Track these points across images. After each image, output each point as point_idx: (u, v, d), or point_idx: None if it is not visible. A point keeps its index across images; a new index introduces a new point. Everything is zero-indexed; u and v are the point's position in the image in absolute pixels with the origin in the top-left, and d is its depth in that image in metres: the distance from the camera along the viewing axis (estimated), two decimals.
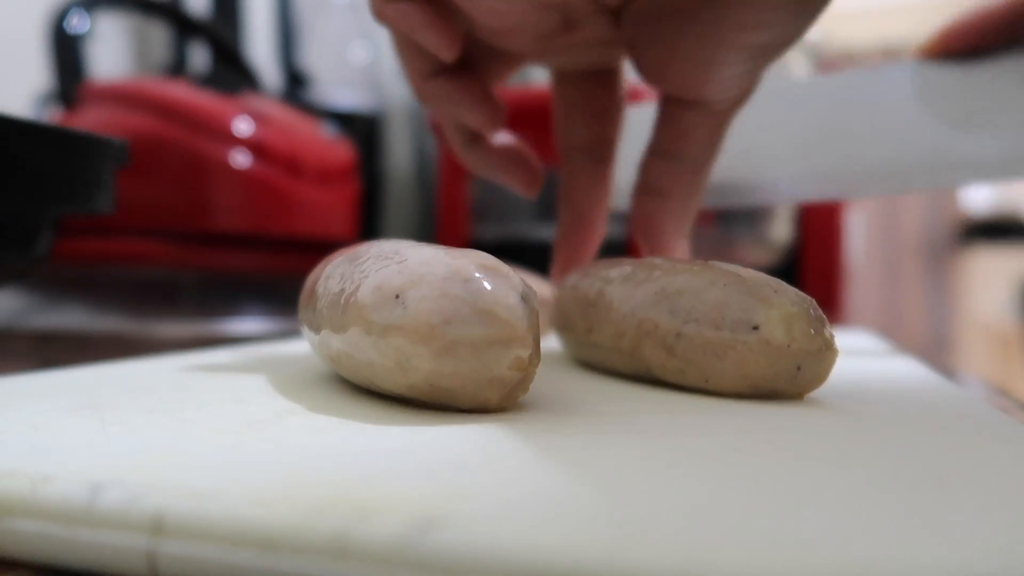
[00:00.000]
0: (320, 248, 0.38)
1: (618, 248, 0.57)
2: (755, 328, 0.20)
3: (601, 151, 0.30)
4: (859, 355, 0.34)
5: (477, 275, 0.17)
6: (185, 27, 0.61)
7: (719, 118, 0.27)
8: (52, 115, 0.57)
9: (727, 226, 0.67)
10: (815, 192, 0.39)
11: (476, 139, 0.30)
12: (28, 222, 0.30)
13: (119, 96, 0.53)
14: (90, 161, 0.31)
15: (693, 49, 0.24)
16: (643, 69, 0.27)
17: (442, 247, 0.19)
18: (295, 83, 0.81)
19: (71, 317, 0.51)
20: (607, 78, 0.30)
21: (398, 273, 0.18)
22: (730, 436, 0.16)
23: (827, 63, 0.79)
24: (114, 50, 0.82)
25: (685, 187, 0.28)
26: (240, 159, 0.53)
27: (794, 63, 0.77)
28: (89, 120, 0.53)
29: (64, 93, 0.54)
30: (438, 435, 0.16)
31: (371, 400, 0.20)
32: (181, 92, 0.54)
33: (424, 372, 0.17)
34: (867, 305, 2.61)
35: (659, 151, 0.28)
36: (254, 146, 0.53)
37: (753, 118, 0.39)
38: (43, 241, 0.31)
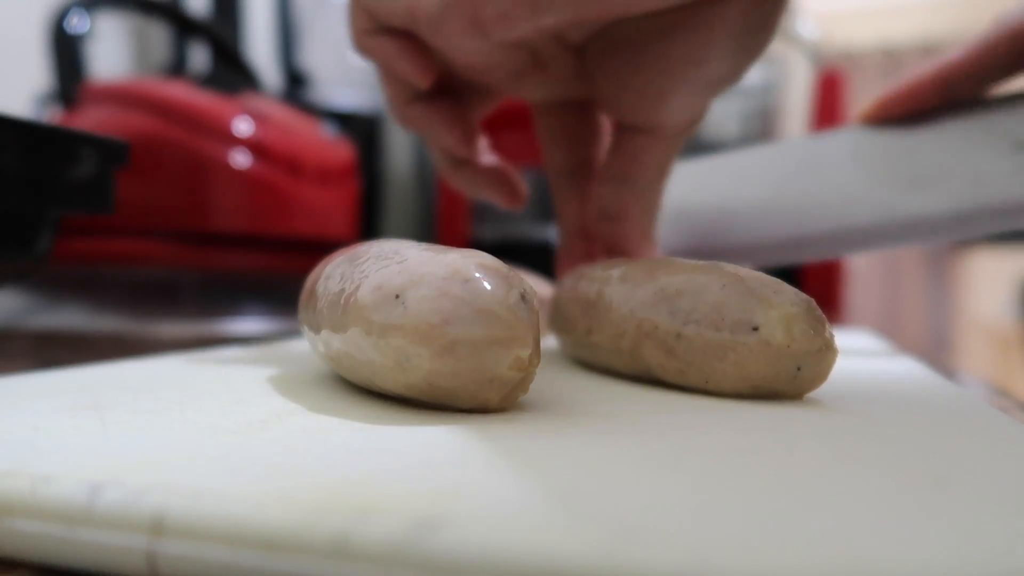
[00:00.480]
0: (320, 248, 0.38)
1: None
2: (755, 329, 0.20)
3: (584, 172, 0.32)
4: (859, 355, 0.34)
5: (477, 275, 0.17)
6: (185, 27, 0.61)
7: (669, 142, 0.28)
8: (52, 115, 0.57)
9: None
10: (772, 259, 0.39)
11: (461, 162, 0.32)
12: (28, 222, 0.30)
13: (119, 96, 0.53)
14: (90, 161, 0.31)
15: (643, 82, 0.26)
16: (598, 99, 0.29)
17: (442, 247, 0.19)
18: (295, 83, 0.81)
19: (71, 317, 0.51)
20: (583, 107, 0.31)
21: (398, 273, 0.18)
22: (730, 436, 0.16)
23: (825, 69, 0.79)
24: (114, 50, 0.82)
25: (639, 208, 0.29)
26: (240, 159, 0.53)
27: (795, 63, 0.77)
28: (89, 120, 0.53)
29: (64, 93, 0.54)
30: (438, 435, 0.16)
31: (371, 400, 0.20)
32: (181, 92, 0.54)
33: (424, 372, 0.17)
34: (867, 305, 2.60)
35: (612, 176, 0.29)
36: (254, 146, 0.53)
37: (706, 190, 0.40)
38: (43, 241, 0.31)
